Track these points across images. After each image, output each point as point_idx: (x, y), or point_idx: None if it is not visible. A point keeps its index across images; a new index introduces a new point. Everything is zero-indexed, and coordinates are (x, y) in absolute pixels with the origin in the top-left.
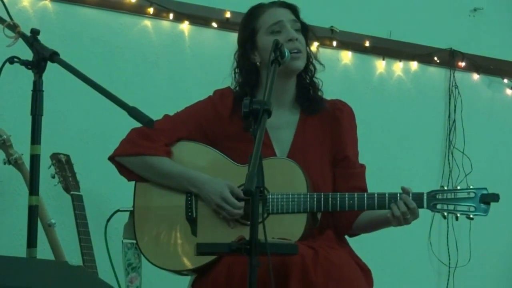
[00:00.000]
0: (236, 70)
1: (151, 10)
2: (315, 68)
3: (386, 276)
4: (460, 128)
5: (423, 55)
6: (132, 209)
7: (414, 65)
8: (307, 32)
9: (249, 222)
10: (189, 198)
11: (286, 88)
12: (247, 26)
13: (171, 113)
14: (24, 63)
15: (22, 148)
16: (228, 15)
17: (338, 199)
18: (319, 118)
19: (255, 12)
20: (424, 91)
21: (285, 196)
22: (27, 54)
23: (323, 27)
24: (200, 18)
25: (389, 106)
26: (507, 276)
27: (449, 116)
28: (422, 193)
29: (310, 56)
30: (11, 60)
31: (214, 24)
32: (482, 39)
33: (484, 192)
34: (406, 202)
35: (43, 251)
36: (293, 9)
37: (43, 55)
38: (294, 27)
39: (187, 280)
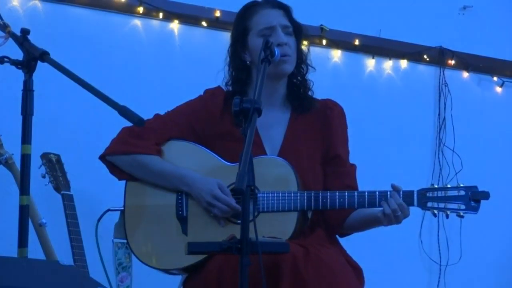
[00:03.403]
0: (229, 65)
1: (140, 9)
2: (307, 68)
3: (377, 275)
4: (450, 126)
5: (413, 53)
6: (122, 208)
7: (404, 63)
8: (300, 33)
9: (239, 221)
10: (179, 197)
11: (277, 88)
12: (239, 25)
13: (162, 112)
14: (15, 62)
15: (12, 148)
16: (218, 14)
17: (328, 197)
18: (310, 117)
19: (248, 11)
20: (414, 89)
21: (275, 194)
22: (18, 54)
23: (313, 26)
24: (190, 17)
25: (379, 104)
26: (497, 274)
27: (439, 114)
28: (413, 191)
29: (303, 56)
30: (1, 60)
31: (204, 23)
32: (472, 37)
33: (474, 190)
34: (395, 199)
35: (34, 251)
36: (286, 10)
37: (33, 54)
38: (285, 31)
39: (178, 279)
